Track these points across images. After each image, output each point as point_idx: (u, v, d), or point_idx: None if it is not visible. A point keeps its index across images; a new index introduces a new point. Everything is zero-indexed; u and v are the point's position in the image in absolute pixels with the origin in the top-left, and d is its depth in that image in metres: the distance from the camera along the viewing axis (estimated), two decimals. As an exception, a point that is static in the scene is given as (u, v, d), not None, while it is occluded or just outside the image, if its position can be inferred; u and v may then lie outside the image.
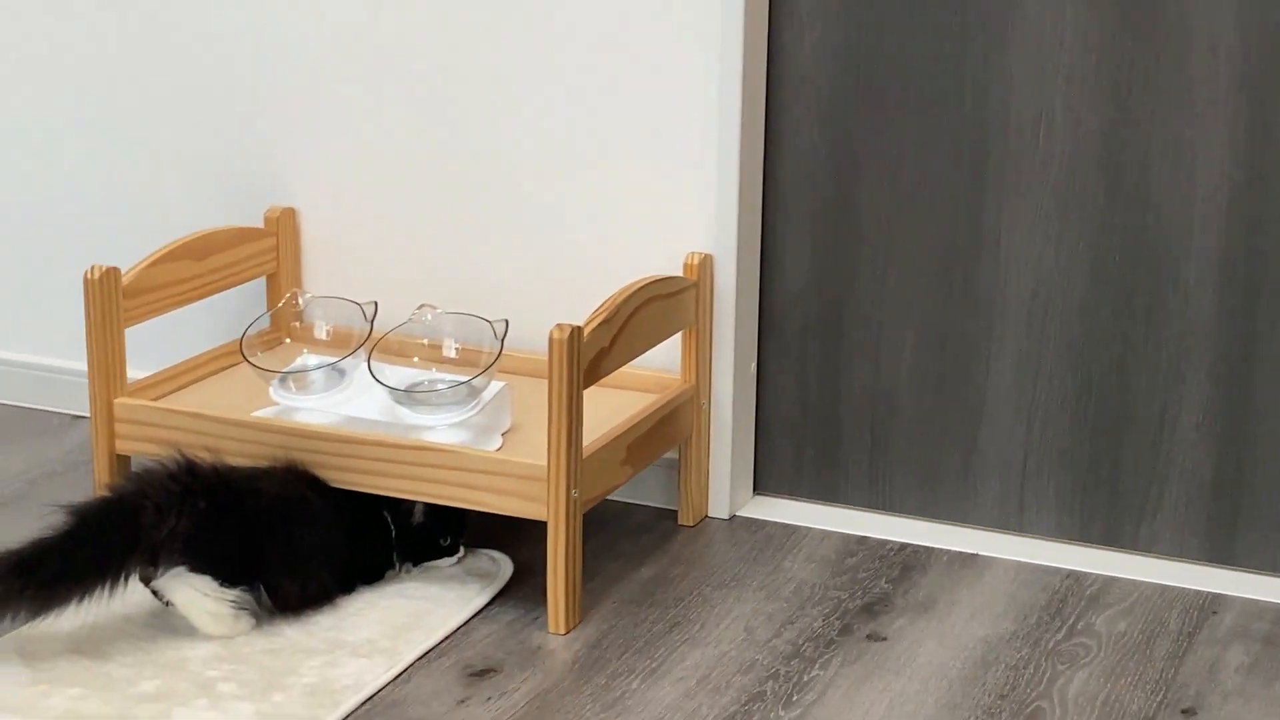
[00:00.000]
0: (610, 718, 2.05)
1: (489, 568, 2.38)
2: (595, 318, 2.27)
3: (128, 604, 2.25)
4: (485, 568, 2.38)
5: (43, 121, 2.84)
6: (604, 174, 2.55)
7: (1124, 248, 2.40)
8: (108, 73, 2.78)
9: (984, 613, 2.32)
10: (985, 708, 2.09)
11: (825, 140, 2.51)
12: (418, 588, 2.33)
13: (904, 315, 2.53)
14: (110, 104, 2.79)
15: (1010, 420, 2.50)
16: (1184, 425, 2.41)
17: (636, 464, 2.40)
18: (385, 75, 2.63)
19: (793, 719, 2.06)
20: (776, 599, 2.35)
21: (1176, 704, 2.10)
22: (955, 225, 2.47)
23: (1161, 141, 2.35)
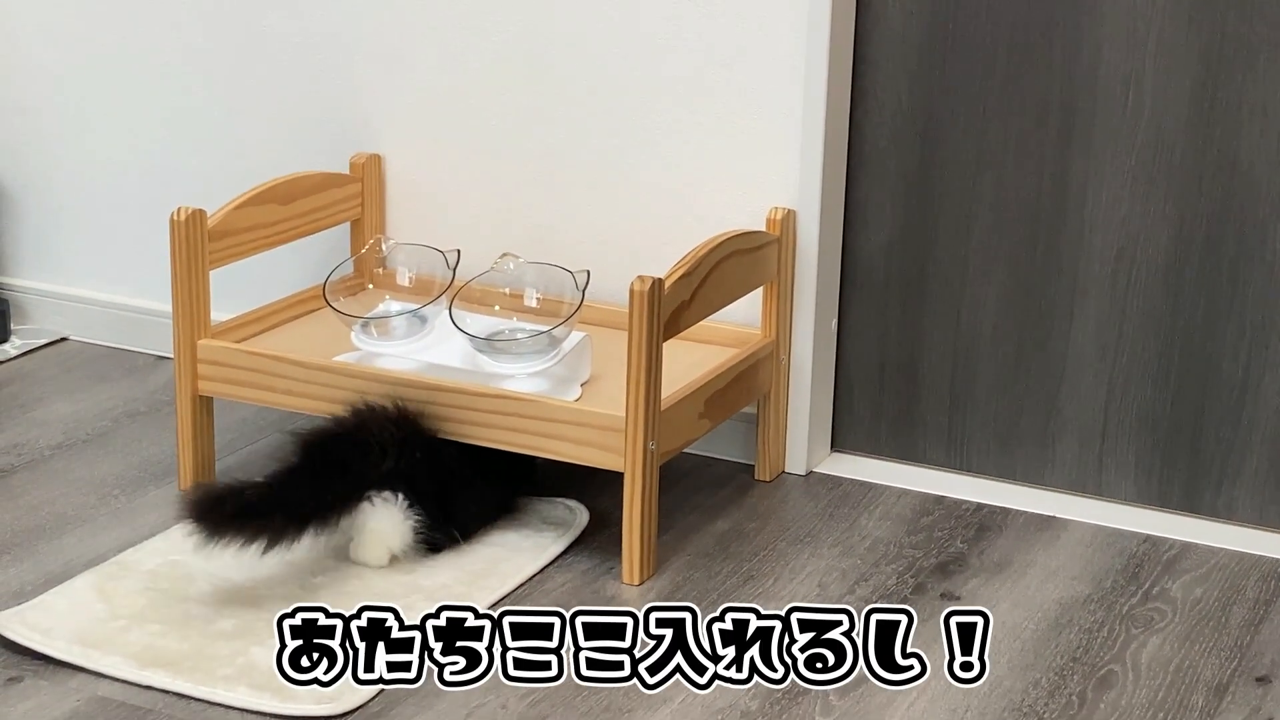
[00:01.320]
0: (682, 669, 2.07)
1: (565, 517, 2.40)
2: (676, 271, 2.27)
3: (210, 543, 2.29)
4: (561, 517, 2.40)
5: (134, 68, 2.87)
6: (688, 128, 2.54)
7: (1210, 211, 2.37)
8: (199, 20, 2.80)
9: (1059, 575, 2.31)
10: (1057, 669, 2.08)
11: (911, 97, 2.49)
12: (496, 535, 2.35)
13: (986, 274, 2.51)
14: (200, 51, 2.81)
15: (1091, 382, 2.48)
16: (1266, 392, 2.38)
17: (715, 418, 2.40)
18: (472, 24, 2.63)
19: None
20: (851, 555, 2.35)
21: (1251, 672, 2.08)
22: (1040, 185, 2.45)
23: (1251, 104, 2.31)
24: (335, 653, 1.94)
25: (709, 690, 2.02)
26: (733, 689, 2.02)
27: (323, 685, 1.95)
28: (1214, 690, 2.04)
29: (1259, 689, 2.05)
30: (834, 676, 1.97)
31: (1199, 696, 2.03)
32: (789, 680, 1.98)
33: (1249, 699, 2.03)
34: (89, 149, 2.94)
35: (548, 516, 2.40)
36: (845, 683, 2.04)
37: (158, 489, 2.49)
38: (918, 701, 2.01)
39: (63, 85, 2.93)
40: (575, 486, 2.45)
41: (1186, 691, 2.04)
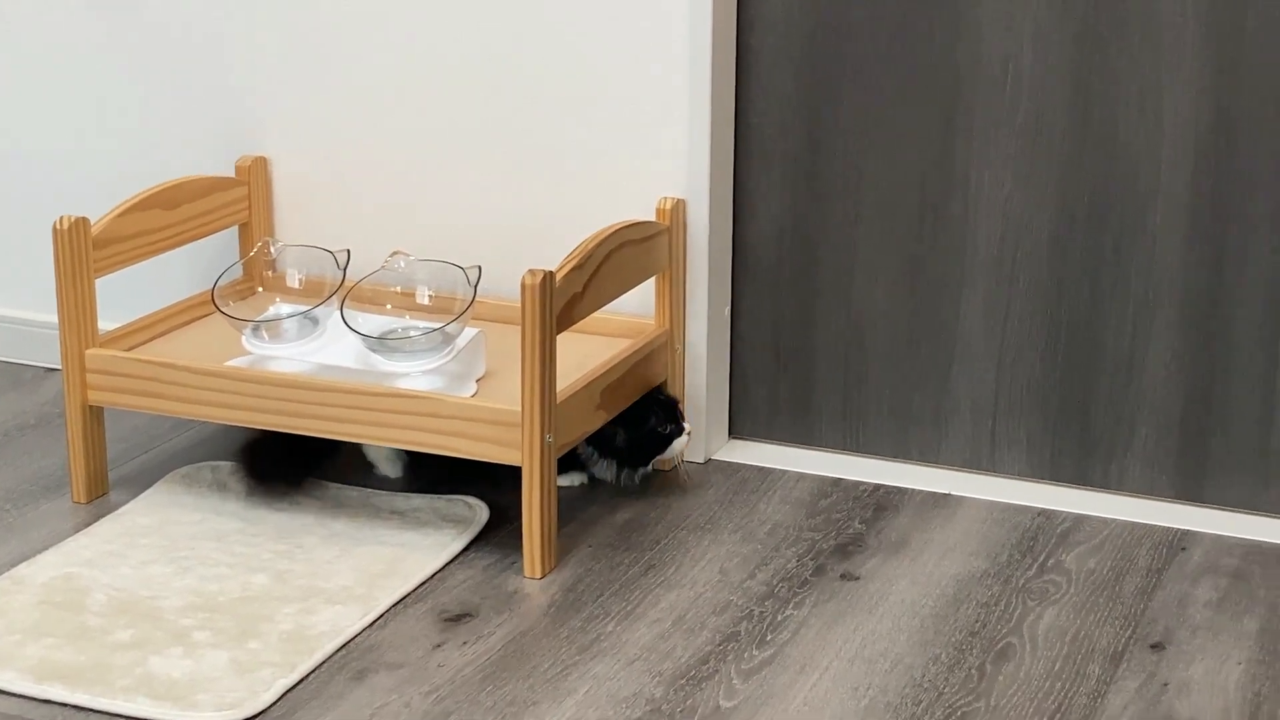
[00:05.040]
0: (585, 660, 2.07)
1: (465, 514, 2.40)
2: (567, 263, 2.28)
3: (96, 553, 2.27)
4: (461, 514, 2.40)
5: (9, 71, 2.83)
6: (576, 120, 2.55)
7: (1092, 190, 2.41)
8: (76, 23, 2.76)
9: (956, 551, 2.34)
10: (956, 644, 2.11)
11: (796, 84, 2.51)
12: (393, 534, 2.34)
13: (876, 257, 2.54)
14: (79, 55, 2.78)
15: (981, 361, 2.51)
16: (1153, 364, 2.43)
17: (611, 409, 2.41)
18: (356, 23, 2.62)
19: (766, 658, 2.08)
20: (751, 541, 2.37)
21: (1145, 639, 2.12)
22: (926, 168, 2.48)
23: (1129, 84, 2.35)
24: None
25: (615, 679, 2.02)
26: (638, 676, 2.03)
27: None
28: (1110, 658, 2.08)
29: (1153, 655, 2.09)
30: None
31: (1095, 665, 2.06)
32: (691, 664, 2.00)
33: (1144, 665, 2.06)
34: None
35: (447, 514, 2.40)
36: (748, 665, 2.05)
37: (50, 502, 2.45)
38: (820, 682, 2.03)
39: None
40: (474, 483, 2.45)
41: (1083, 661, 2.07)
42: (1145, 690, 2.01)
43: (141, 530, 2.33)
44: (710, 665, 2.06)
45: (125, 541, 2.30)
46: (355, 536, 2.33)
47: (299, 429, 2.33)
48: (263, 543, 2.31)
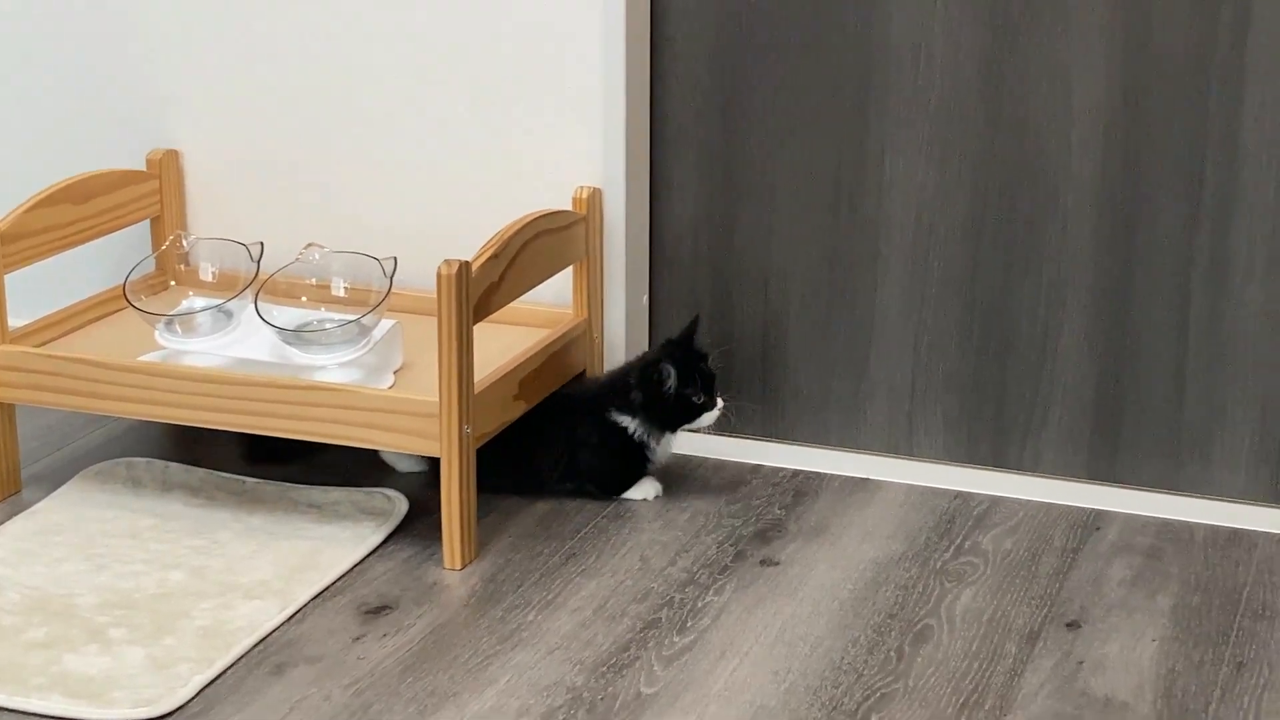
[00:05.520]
0: (506, 650, 2.07)
1: (384, 506, 2.38)
2: (484, 253, 2.27)
3: (9, 551, 2.24)
4: (380, 506, 2.38)
5: (-85, 67, 2.79)
6: (490, 110, 2.54)
7: (1004, 173, 2.43)
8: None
9: (874, 535, 2.35)
10: (875, 627, 2.12)
11: (710, 72, 2.52)
12: (312, 528, 2.33)
13: (792, 244, 2.55)
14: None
15: (897, 345, 2.53)
16: (1066, 347, 2.45)
17: (530, 399, 2.41)
18: (267, 14, 2.59)
19: (687, 644, 2.08)
20: (672, 528, 2.37)
21: (1061, 618, 2.14)
22: (840, 154, 2.49)
23: (1038, 67, 2.37)
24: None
25: (536, 668, 2.02)
26: (559, 665, 2.03)
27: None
28: (1026, 638, 2.10)
29: (1069, 634, 2.11)
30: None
31: (1012, 644, 2.08)
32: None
33: (1060, 643, 2.09)
34: (-128, 156, 2.84)
35: (366, 506, 2.38)
36: (669, 652, 2.06)
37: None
38: (740, 667, 2.04)
39: None
40: (393, 475, 2.44)
41: (1000, 640, 2.09)
42: (1061, 668, 2.03)
43: (55, 528, 2.31)
44: (631, 652, 2.06)
45: (39, 540, 2.27)
46: (273, 531, 2.31)
47: (214, 424, 2.31)
48: (179, 539, 2.28)
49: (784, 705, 1.96)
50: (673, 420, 2.41)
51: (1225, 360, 2.38)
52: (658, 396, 2.38)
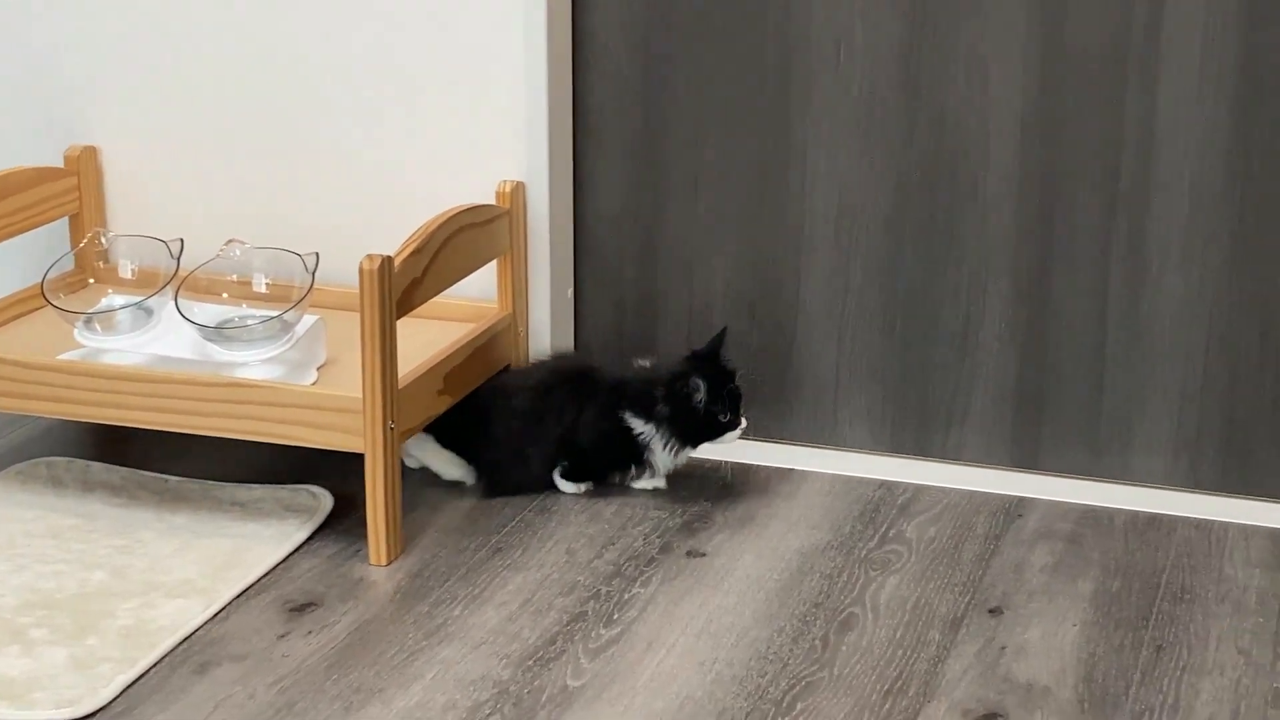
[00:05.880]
0: (432, 645, 2.06)
1: (308, 503, 2.37)
2: (406, 248, 2.26)
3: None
4: (304, 503, 2.37)
5: None
6: (412, 104, 2.53)
7: (925, 163, 2.44)
8: (-107, 11, 2.69)
9: (800, 525, 2.36)
10: (800, 616, 2.13)
11: (632, 64, 2.52)
12: (235, 526, 2.31)
13: (716, 236, 2.56)
14: (-103, 44, 2.70)
15: (821, 336, 2.54)
16: (987, 336, 2.47)
17: (455, 393, 2.40)
18: (186, 10, 2.57)
19: (614, 636, 2.09)
20: (598, 521, 2.37)
21: (983, 604, 2.16)
22: (763, 146, 2.50)
23: (956, 59, 2.39)
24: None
25: (462, 663, 2.02)
26: (485, 659, 2.03)
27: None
28: (949, 624, 2.12)
29: (991, 620, 2.13)
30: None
31: (936, 631, 2.10)
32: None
33: (983, 630, 2.10)
34: None
35: (290, 504, 2.37)
36: (595, 645, 2.06)
37: (-122, 504, 2.39)
38: (666, 658, 2.04)
39: None
40: (318, 472, 2.43)
41: (924, 627, 2.11)
42: (984, 654, 2.05)
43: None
44: (558, 646, 2.06)
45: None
46: (196, 529, 2.30)
47: (135, 422, 2.29)
48: (100, 538, 2.27)
49: (710, 695, 1.97)
50: (696, 436, 2.38)
51: (1144, 348, 2.41)
52: (685, 410, 2.36)
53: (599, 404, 2.40)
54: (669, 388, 2.36)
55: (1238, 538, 2.32)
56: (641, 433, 2.38)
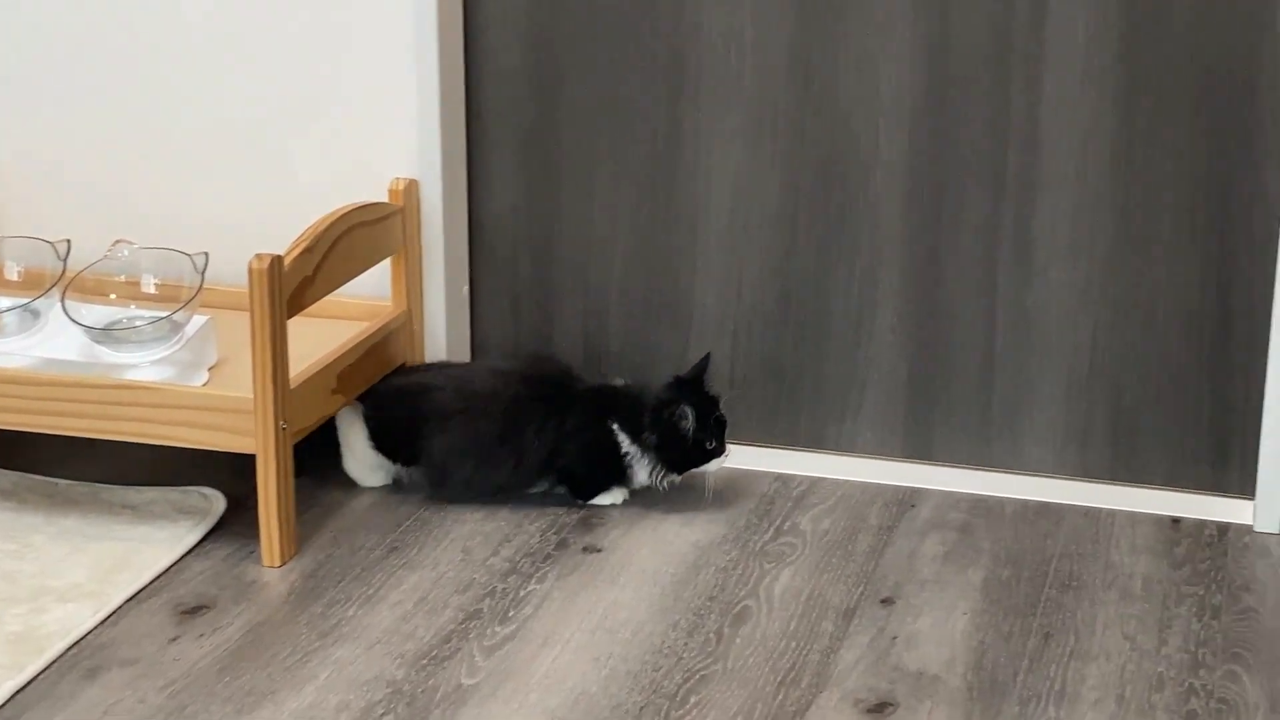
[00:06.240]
0: (326, 645, 2.06)
1: (200, 504, 2.36)
2: (296, 247, 2.25)
3: None
4: (197, 505, 2.35)
5: None
6: (303, 102, 2.52)
7: (816, 159, 2.46)
8: None
9: (696, 519, 2.38)
10: (695, 610, 2.14)
11: (525, 61, 2.52)
12: (126, 529, 2.29)
13: (611, 233, 2.56)
14: None
15: (716, 331, 2.55)
16: (879, 328, 2.50)
17: (349, 392, 2.39)
18: (71, 8, 2.54)
19: (509, 634, 2.09)
20: (494, 519, 2.37)
21: (876, 594, 2.19)
22: (655, 142, 2.51)
23: (846, 55, 2.41)
24: None
25: (356, 663, 2.01)
26: (379, 659, 2.02)
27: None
28: (842, 615, 2.14)
29: (883, 610, 2.15)
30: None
31: (829, 622, 2.12)
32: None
33: (875, 620, 2.13)
34: None
35: (182, 506, 2.35)
36: (490, 642, 2.06)
37: None
38: (562, 654, 2.05)
39: None
40: (211, 473, 2.41)
41: (817, 619, 2.13)
42: (876, 644, 2.07)
43: None
44: (453, 644, 2.06)
45: None
46: (86, 533, 2.27)
47: (23, 425, 2.26)
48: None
49: (604, 691, 1.97)
50: (683, 463, 2.36)
51: (1032, 339, 2.44)
52: (674, 439, 2.34)
53: (583, 414, 2.37)
54: (656, 415, 2.34)
55: (1124, 525, 2.36)
56: (628, 452, 2.37)
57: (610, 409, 2.38)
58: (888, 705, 1.95)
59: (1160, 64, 2.30)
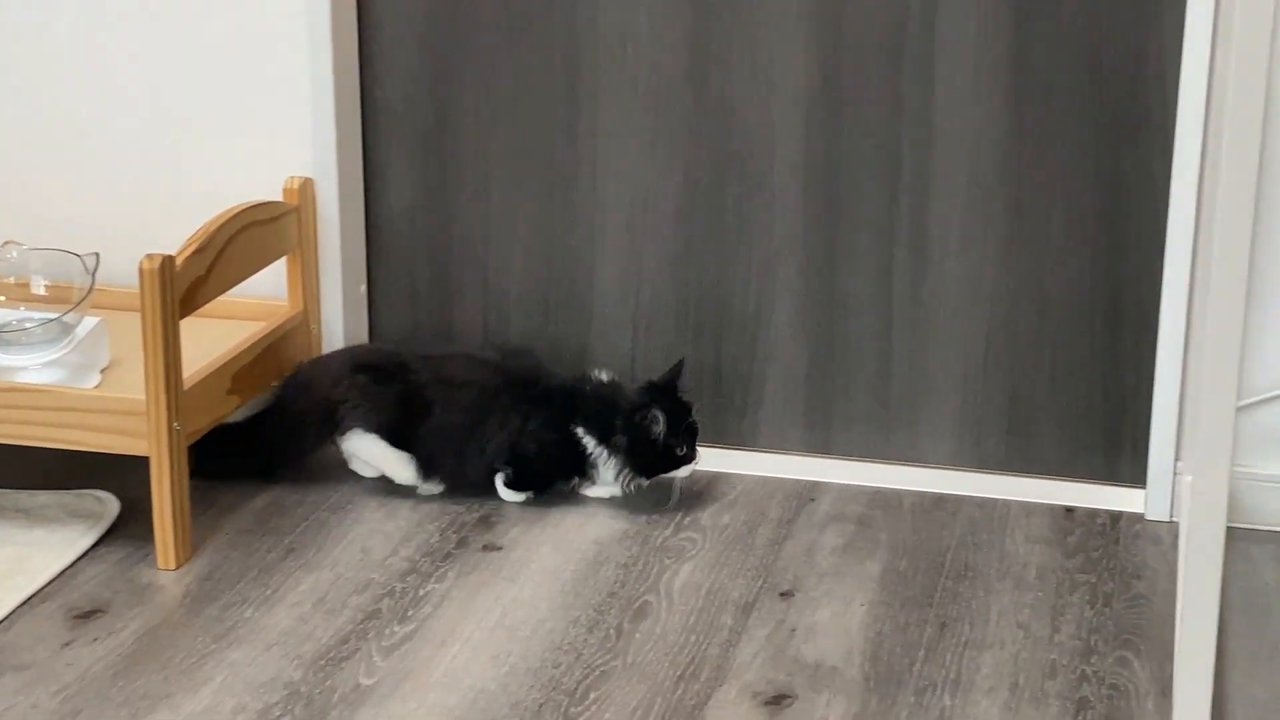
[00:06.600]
0: (222, 648, 2.04)
1: (94, 508, 2.33)
2: (188, 247, 2.23)
3: None
4: (90, 508, 2.32)
5: None
6: (195, 100, 2.50)
7: (713, 156, 2.47)
8: None
9: (597, 515, 2.38)
10: (596, 606, 2.15)
11: (420, 59, 2.51)
12: (18, 533, 2.26)
13: (510, 230, 2.56)
14: None
15: (616, 327, 2.56)
16: (777, 323, 2.51)
17: (245, 393, 2.37)
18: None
19: (408, 633, 2.08)
20: (394, 518, 2.36)
21: (776, 587, 2.20)
22: (553, 141, 2.51)
23: (740, 51, 2.42)
24: None
25: (252, 665, 2.00)
26: (276, 660, 2.01)
27: None
28: (742, 609, 2.15)
29: (783, 602, 2.16)
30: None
31: (728, 616, 2.13)
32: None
33: (774, 613, 2.14)
34: None
35: (76, 509, 2.32)
36: (389, 642, 2.05)
37: None
38: (461, 653, 2.04)
39: None
40: (105, 476, 2.38)
41: (717, 612, 2.14)
42: (775, 637, 2.08)
43: None
44: (351, 644, 2.05)
45: None
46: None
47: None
48: (-125, 551, 2.20)
49: (504, 689, 1.97)
50: (652, 467, 2.35)
51: (928, 332, 2.46)
52: (644, 442, 2.33)
53: (548, 412, 2.36)
54: (629, 419, 2.33)
55: (1019, 515, 2.39)
56: (592, 452, 2.35)
57: (576, 409, 2.37)
58: (786, 697, 1.96)
59: (1050, 60, 2.33)
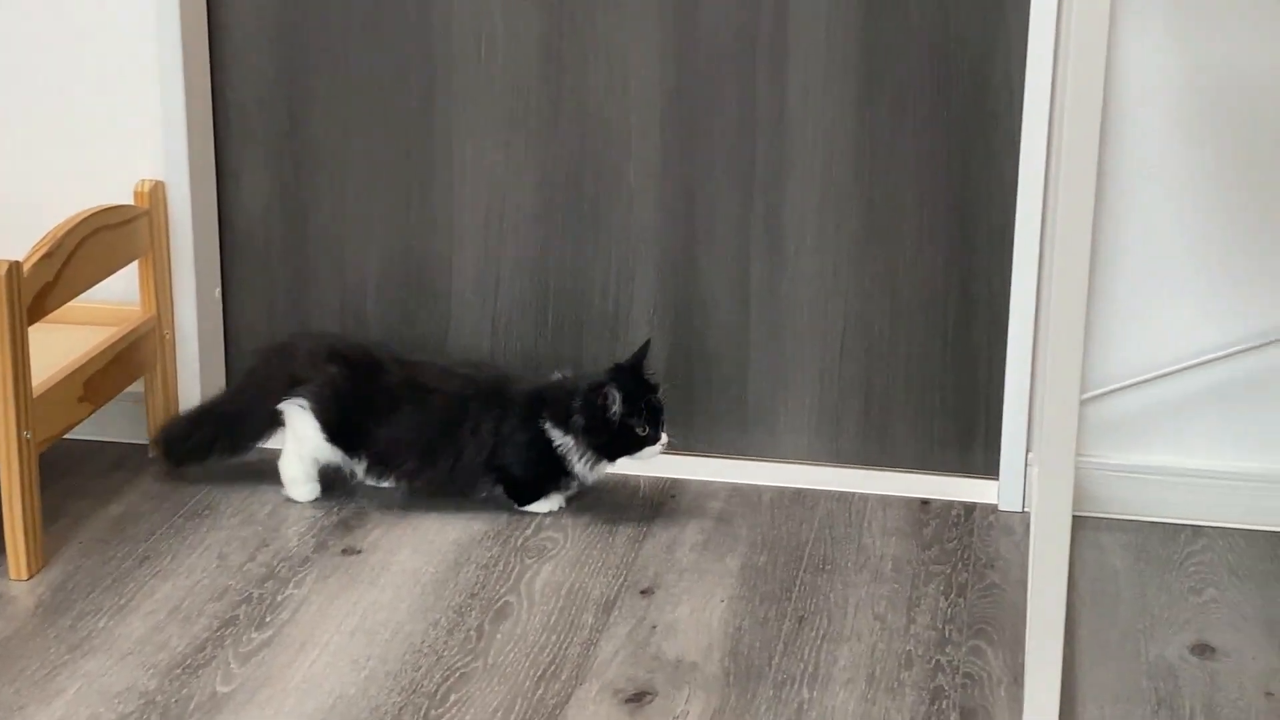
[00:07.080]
0: (76, 658, 2.01)
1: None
2: (36, 252, 2.20)
3: None
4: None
5: None
6: (42, 103, 2.46)
7: (570, 154, 2.48)
8: None
9: (457, 517, 2.37)
10: (456, 608, 2.14)
11: (273, 60, 2.49)
12: None
13: (367, 233, 2.54)
14: None
15: (474, 328, 2.55)
16: (636, 320, 2.52)
17: (97, 400, 2.34)
18: None
19: (265, 639, 2.06)
20: (251, 523, 2.34)
21: (636, 585, 2.21)
22: (409, 141, 2.50)
23: (595, 50, 2.43)
24: None
25: (107, 675, 1.97)
26: (131, 670, 1.98)
27: None
28: (602, 607, 2.15)
29: (643, 600, 2.17)
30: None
31: (589, 615, 2.14)
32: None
33: (635, 610, 2.15)
34: None
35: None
36: (246, 649, 2.03)
37: None
38: (320, 658, 2.03)
39: None
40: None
41: (578, 611, 2.14)
42: (635, 634, 2.09)
43: None
44: (207, 652, 2.03)
45: None
46: None
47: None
48: None
49: (363, 693, 1.96)
50: (613, 449, 2.32)
51: (784, 328, 2.49)
52: (600, 422, 2.29)
53: (521, 415, 2.34)
54: (585, 399, 2.30)
55: (876, 508, 2.42)
56: (560, 444, 2.33)
57: (542, 405, 2.35)
58: (646, 694, 1.97)
59: (899, 57, 2.37)
